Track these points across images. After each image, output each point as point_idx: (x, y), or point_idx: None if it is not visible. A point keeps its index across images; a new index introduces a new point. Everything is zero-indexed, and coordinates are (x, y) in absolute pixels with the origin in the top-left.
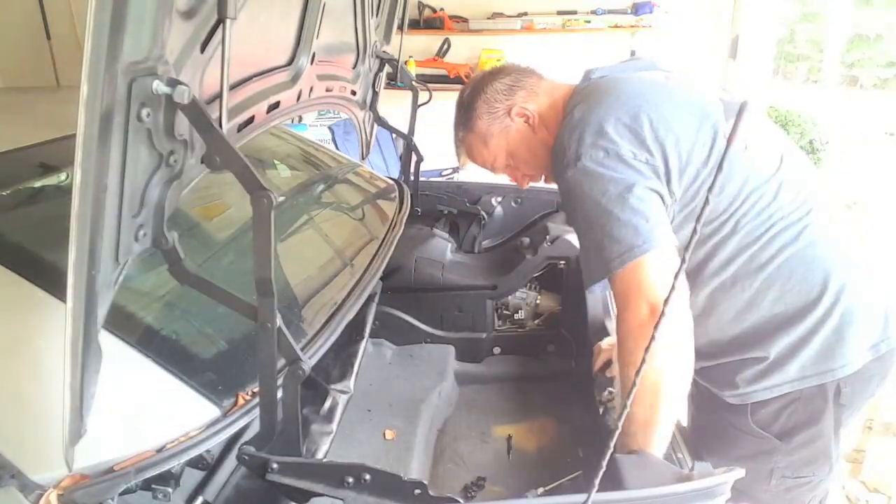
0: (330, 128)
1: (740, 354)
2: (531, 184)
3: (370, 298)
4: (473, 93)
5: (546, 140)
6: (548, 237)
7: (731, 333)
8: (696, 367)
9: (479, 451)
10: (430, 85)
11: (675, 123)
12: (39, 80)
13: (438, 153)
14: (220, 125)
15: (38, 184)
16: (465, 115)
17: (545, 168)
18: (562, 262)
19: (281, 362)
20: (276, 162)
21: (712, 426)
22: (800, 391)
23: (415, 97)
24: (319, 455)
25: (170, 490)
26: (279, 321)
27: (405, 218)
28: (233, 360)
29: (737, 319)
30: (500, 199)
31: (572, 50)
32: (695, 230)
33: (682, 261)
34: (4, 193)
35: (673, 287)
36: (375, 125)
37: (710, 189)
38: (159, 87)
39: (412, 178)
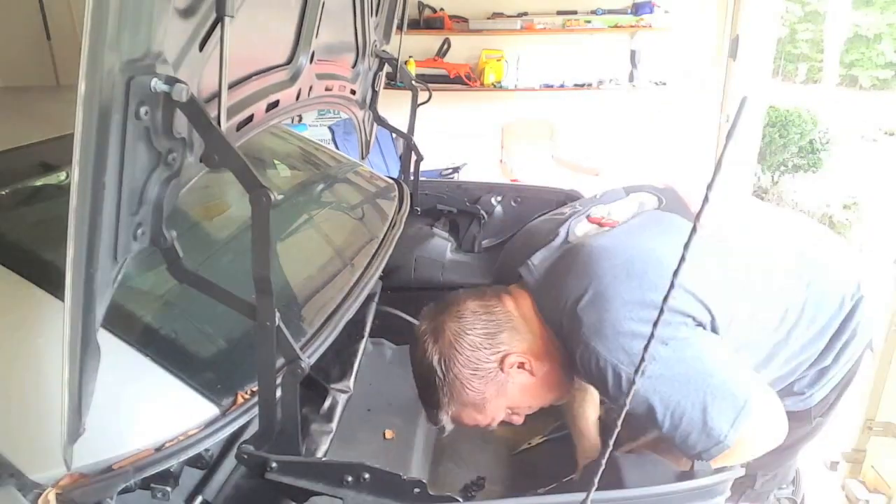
0: (330, 128)
1: (802, 374)
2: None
3: (370, 298)
4: (446, 359)
5: (550, 372)
6: None
7: (795, 362)
8: None
9: (479, 451)
10: (430, 85)
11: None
12: (39, 80)
13: (438, 153)
14: (219, 124)
15: (37, 183)
16: (446, 388)
17: (554, 399)
18: None
19: (280, 361)
20: (275, 161)
21: None
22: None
23: (414, 97)
24: (319, 454)
25: (169, 489)
26: (278, 320)
27: (405, 217)
28: (232, 359)
29: (801, 353)
30: (499, 198)
31: (572, 50)
32: (694, 228)
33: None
34: (4, 193)
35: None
36: (375, 125)
37: (709, 187)
38: (158, 85)
39: (412, 177)
